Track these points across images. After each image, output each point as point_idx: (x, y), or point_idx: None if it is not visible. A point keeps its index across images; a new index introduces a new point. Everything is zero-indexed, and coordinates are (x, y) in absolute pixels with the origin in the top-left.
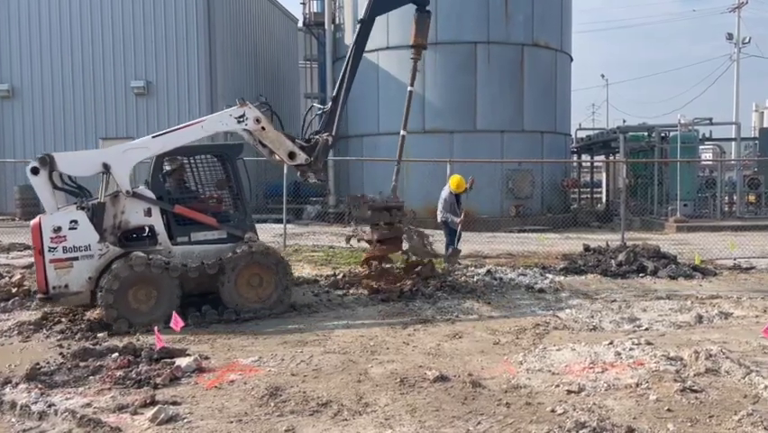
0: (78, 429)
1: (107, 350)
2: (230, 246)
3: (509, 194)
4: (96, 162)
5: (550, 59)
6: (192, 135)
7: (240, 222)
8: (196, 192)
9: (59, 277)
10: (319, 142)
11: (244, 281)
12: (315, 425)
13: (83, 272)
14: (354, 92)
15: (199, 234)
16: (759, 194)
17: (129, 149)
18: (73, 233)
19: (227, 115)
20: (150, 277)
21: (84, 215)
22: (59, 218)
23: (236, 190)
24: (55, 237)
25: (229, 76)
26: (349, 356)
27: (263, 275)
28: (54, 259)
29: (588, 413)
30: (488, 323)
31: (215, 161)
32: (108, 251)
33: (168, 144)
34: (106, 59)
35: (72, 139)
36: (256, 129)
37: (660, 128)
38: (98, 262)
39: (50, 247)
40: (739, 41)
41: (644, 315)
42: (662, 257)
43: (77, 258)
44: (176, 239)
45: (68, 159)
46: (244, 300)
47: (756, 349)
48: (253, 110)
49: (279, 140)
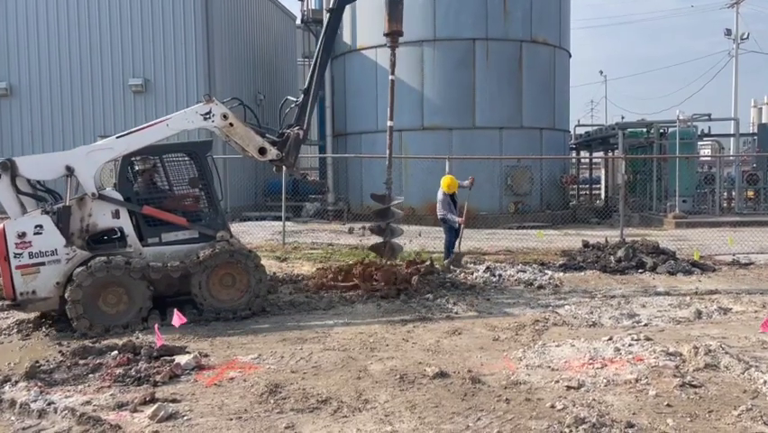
0: (78, 427)
1: (107, 348)
2: (201, 246)
3: (508, 191)
4: (59, 165)
5: (548, 56)
6: (157, 135)
7: (211, 221)
8: (165, 192)
9: (27, 283)
10: (290, 136)
11: (217, 281)
12: (315, 422)
13: (50, 278)
14: (352, 89)
15: (170, 235)
16: (758, 190)
17: (93, 150)
18: (38, 238)
19: (193, 112)
20: (114, 280)
21: (49, 219)
22: (24, 224)
23: (207, 188)
24: (20, 243)
25: (227, 73)
26: (348, 353)
27: (235, 273)
28: (20, 265)
29: (587, 409)
30: (487, 319)
31: (184, 159)
32: (75, 255)
33: (133, 144)
34: (104, 57)
35: (70, 137)
36: (224, 125)
37: (659, 124)
38: (66, 266)
39: (15, 253)
40: (738, 37)
41: (644, 311)
42: (662, 253)
43: (44, 263)
44: (146, 240)
45: (31, 163)
46: (217, 300)
47: (755, 344)
48: (220, 106)
49: (249, 135)
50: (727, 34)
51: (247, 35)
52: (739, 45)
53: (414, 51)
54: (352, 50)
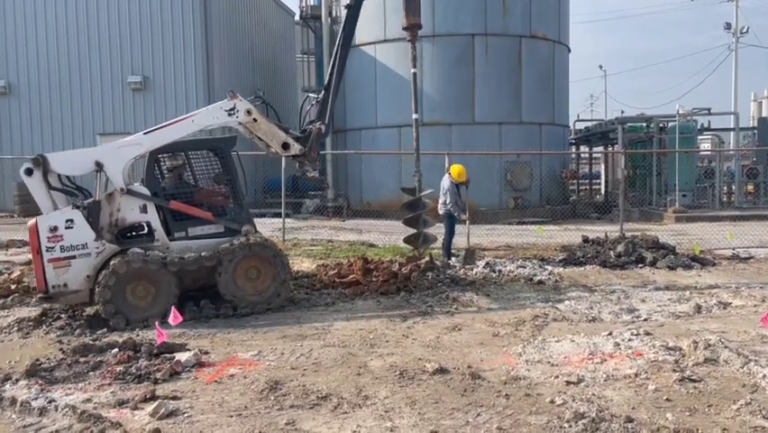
0: (79, 425)
1: (107, 346)
2: (227, 240)
3: (508, 186)
4: (88, 161)
5: (548, 51)
6: (184, 130)
7: (236, 215)
8: (191, 187)
9: (58, 276)
10: (312, 132)
11: (242, 274)
12: (315, 418)
13: (81, 271)
14: (352, 85)
15: (196, 229)
16: (757, 184)
17: (121, 146)
18: (69, 232)
19: (218, 108)
20: (147, 273)
21: (80, 214)
22: (55, 218)
23: (232, 184)
24: (52, 237)
25: (226, 70)
26: (348, 349)
27: (261, 267)
28: (52, 258)
29: (587, 404)
30: (487, 315)
31: (209, 154)
32: (105, 249)
33: (159, 140)
34: (103, 55)
35: (69, 135)
36: (248, 121)
37: (658, 119)
38: (96, 260)
39: (47, 247)
40: (737, 31)
41: (643, 305)
42: (661, 248)
43: (75, 257)
44: (173, 235)
45: (61, 158)
46: (241, 293)
47: (755, 339)
48: (244, 102)
49: (272, 131)
50: (727, 28)
51: (246, 32)
52: (739, 39)
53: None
54: (351, 46)
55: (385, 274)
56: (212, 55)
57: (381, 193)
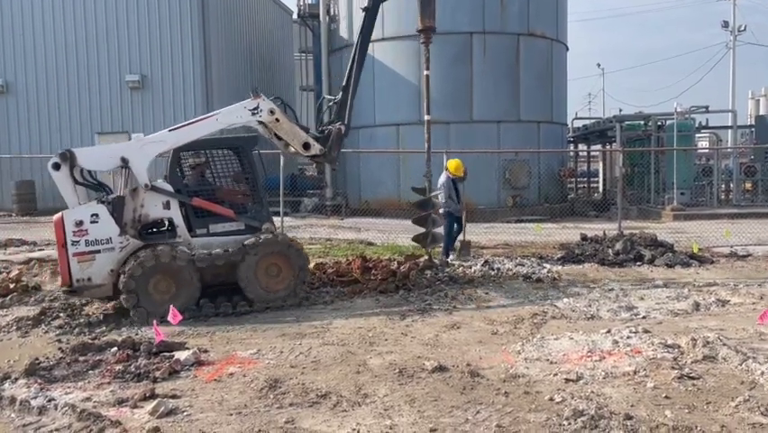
0: (78, 424)
1: (106, 344)
2: (248, 237)
3: (506, 184)
4: (115, 157)
5: (546, 49)
6: (208, 128)
7: (257, 213)
8: (213, 185)
9: (83, 270)
10: (332, 132)
11: (263, 270)
12: (315, 416)
13: (105, 265)
14: None
15: (218, 226)
16: (755, 182)
17: (146, 143)
18: (94, 226)
19: (242, 107)
20: (173, 269)
21: (105, 208)
22: (81, 213)
23: (253, 182)
24: (77, 231)
25: (224, 69)
26: (347, 348)
27: (282, 265)
28: (77, 252)
29: (586, 401)
30: (486, 313)
31: (231, 153)
32: (129, 243)
33: (183, 138)
34: (101, 54)
35: (68, 134)
36: (270, 121)
37: (656, 117)
38: (120, 254)
39: (72, 241)
40: (735, 29)
41: (642, 303)
42: (660, 246)
43: (99, 251)
44: (195, 231)
45: (88, 154)
46: (262, 289)
47: (753, 336)
48: (267, 102)
49: (294, 131)
50: (725, 26)
51: (243, 30)
52: (736, 37)
53: (411, 46)
54: (348, 44)
55: (384, 273)
56: (210, 54)
57: (380, 192)
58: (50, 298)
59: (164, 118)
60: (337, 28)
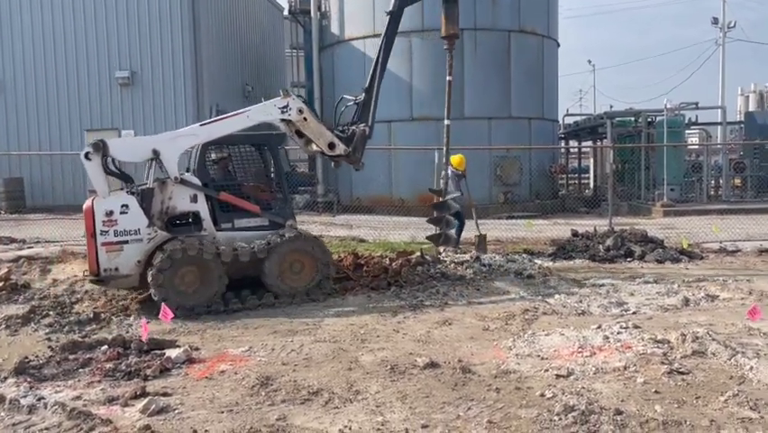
0: (68, 422)
1: (96, 343)
2: (271, 233)
3: (497, 181)
4: (147, 149)
5: (536, 46)
6: (238, 124)
7: (281, 210)
8: (240, 180)
9: (110, 260)
10: (356, 133)
11: (287, 266)
12: (307, 413)
13: (133, 256)
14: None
15: (242, 221)
16: (744, 178)
17: (178, 136)
18: (124, 217)
19: (272, 105)
20: (200, 262)
21: (134, 199)
22: (111, 203)
23: (278, 179)
24: (107, 221)
25: (214, 65)
26: (339, 345)
27: (306, 262)
28: (106, 242)
29: (576, 397)
30: (477, 309)
31: (260, 149)
32: (157, 235)
33: (214, 132)
34: (90, 50)
35: (57, 131)
36: (298, 119)
37: (647, 113)
38: (147, 246)
39: (101, 231)
40: (725, 26)
41: (632, 299)
42: (650, 241)
43: (128, 242)
44: (220, 225)
45: (121, 145)
46: (286, 285)
47: (742, 331)
48: (297, 101)
49: (320, 130)
50: (714, 23)
51: (234, 26)
52: (726, 34)
53: (402, 42)
54: (340, 40)
55: (375, 269)
56: (200, 50)
57: (371, 188)
58: (39, 296)
59: (154, 115)
60: (328, 24)
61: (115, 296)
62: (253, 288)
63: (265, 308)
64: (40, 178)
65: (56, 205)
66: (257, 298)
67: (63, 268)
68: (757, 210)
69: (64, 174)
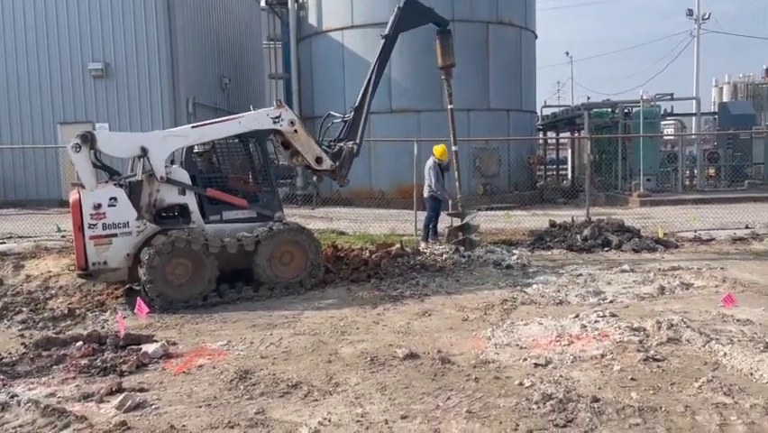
0: (42, 420)
1: (71, 339)
2: (260, 225)
3: (476, 172)
4: (135, 145)
5: (515, 37)
6: (230, 130)
7: (269, 202)
8: (227, 172)
9: (99, 253)
10: (344, 149)
11: (278, 258)
12: (286, 406)
13: (122, 249)
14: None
15: (231, 213)
16: (718, 167)
17: (168, 135)
18: (112, 210)
19: (264, 114)
20: (189, 254)
21: (123, 192)
22: (99, 195)
23: (265, 171)
24: (95, 214)
25: (190, 56)
26: (319, 337)
27: (295, 252)
28: (94, 235)
29: (554, 385)
30: (456, 300)
31: (247, 142)
32: (146, 228)
33: (206, 135)
34: (62, 41)
35: (29, 124)
36: (289, 131)
37: (623, 104)
38: (136, 239)
39: (89, 224)
40: (699, 18)
41: (609, 288)
42: (626, 231)
43: (116, 235)
44: (208, 218)
45: (109, 138)
46: (275, 276)
47: (716, 318)
48: (289, 113)
49: (309, 144)
50: (689, 15)
51: (210, 17)
52: (701, 25)
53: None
54: (317, 32)
55: (355, 262)
56: (175, 41)
57: (351, 181)
58: (12, 292)
59: (129, 107)
60: (306, 15)
61: (90, 291)
62: (231, 282)
63: (244, 301)
64: (12, 172)
65: (28, 200)
66: (236, 291)
67: (36, 264)
68: (730, 199)
69: (36, 168)
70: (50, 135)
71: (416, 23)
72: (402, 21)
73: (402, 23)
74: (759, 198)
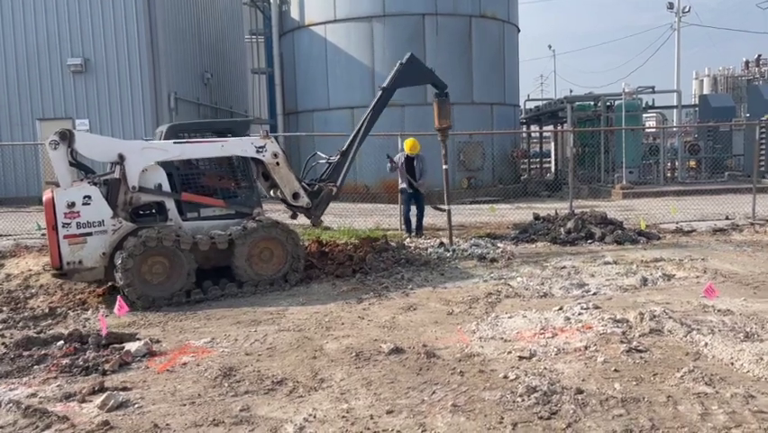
0: (24, 420)
1: (52, 338)
2: (238, 222)
3: (461, 166)
4: (113, 151)
5: (497, 31)
6: (211, 151)
7: (247, 198)
8: (204, 169)
9: (74, 253)
10: (324, 190)
11: (257, 255)
12: (271, 403)
13: (97, 248)
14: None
15: (209, 210)
16: (699, 159)
17: (148, 147)
18: (87, 208)
19: (249, 142)
20: (164, 252)
21: (97, 190)
22: (73, 194)
23: (243, 167)
24: (69, 213)
25: (172, 51)
26: (304, 333)
27: (274, 248)
28: (68, 235)
29: (539, 377)
30: (441, 294)
31: (224, 136)
32: (122, 226)
33: (186, 153)
34: (40, 36)
35: (7, 121)
36: (271, 163)
37: (605, 97)
38: (112, 237)
39: (63, 223)
40: (679, 11)
41: (593, 280)
42: (609, 223)
43: (91, 233)
44: (186, 215)
45: (87, 140)
46: (256, 274)
47: (697, 308)
48: (274, 144)
49: (289, 178)
50: (670, 8)
51: (191, 12)
52: (681, 18)
53: (364, 28)
54: (300, 26)
55: (340, 257)
56: (156, 35)
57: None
58: None
59: (110, 103)
60: (288, 10)
61: (72, 290)
62: (215, 278)
63: (228, 298)
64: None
65: (7, 197)
66: (219, 288)
67: (17, 262)
68: (711, 191)
69: (16, 166)
70: (29, 132)
71: (415, 81)
72: (402, 77)
73: (402, 79)
74: (739, 190)
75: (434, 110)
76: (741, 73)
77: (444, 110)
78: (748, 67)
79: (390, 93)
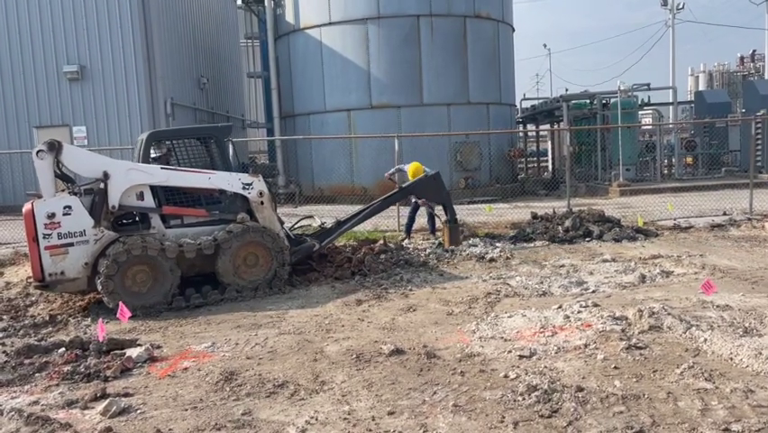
0: (26, 428)
1: (53, 345)
2: (222, 227)
3: (458, 166)
4: (99, 168)
5: (492, 31)
6: (198, 182)
7: (231, 204)
8: None
9: (55, 264)
10: (305, 244)
11: (242, 260)
12: (272, 406)
13: (79, 258)
14: (298, 69)
15: (191, 217)
16: (695, 156)
17: (134, 168)
18: (67, 219)
19: (236, 178)
20: (147, 260)
21: (78, 200)
22: (53, 204)
23: (227, 171)
24: (49, 224)
25: (167, 57)
26: (304, 336)
27: (259, 253)
28: (49, 246)
29: (539, 376)
30: (441, 294)
31: (206, 142)
32: (104, 236)
33: (171, 179)
34: (35, 43)
35: (3, 129)
36: (255, 201)
37: (601, 95)
38: (94, 247)
39: (44, 234)
40: (674, 7)
41: (591, 278)
42: (607, 221)
43: (73, 244)
44: (169, 222)
45: (74, 153)
46: (241, 279)
47: (696, 305)
48: (261, 183)
49: (272, 219)
50: (664, 5)
51: (187, 17)
52: (675, 15)
53: (359, 30)
54: (295, 29)
55: (339, 259)
56: (152, 42)
57: (332, 178)
58: None
59: (106, 109)
60: (283, 13)
61: (72, 297)
62: (215, 283)
63: (228, 302)
64: None
65: (5, 206)
66: (219, 292)
67: (16, 270)
68: (708, 187)
69: (13, 173)
70: (26, 139)
71: (431, 196)
72: (422, 187)
73: (420, 189)
74: (736, 185)
75: (443, 234)
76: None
77: (456, 237)
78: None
79: (405, 195)
